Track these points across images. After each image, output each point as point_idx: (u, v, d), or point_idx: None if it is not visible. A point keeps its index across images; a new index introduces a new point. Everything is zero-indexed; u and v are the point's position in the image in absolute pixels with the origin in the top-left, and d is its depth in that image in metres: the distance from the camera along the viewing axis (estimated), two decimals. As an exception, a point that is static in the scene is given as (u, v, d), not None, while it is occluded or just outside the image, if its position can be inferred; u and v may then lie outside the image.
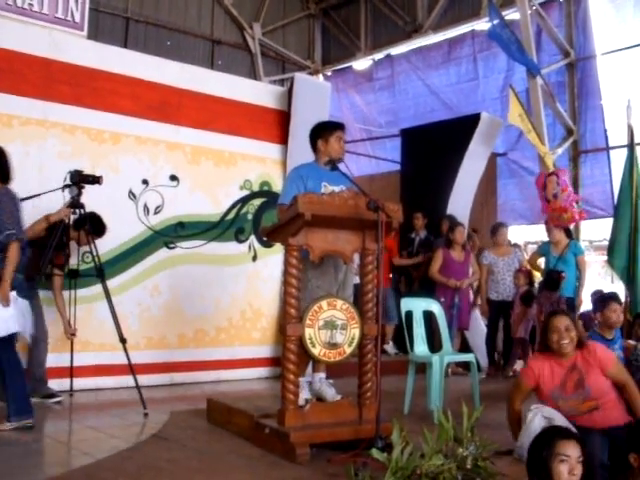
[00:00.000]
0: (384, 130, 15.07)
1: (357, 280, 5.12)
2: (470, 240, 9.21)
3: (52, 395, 5.97)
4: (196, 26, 15.48)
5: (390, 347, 9.21)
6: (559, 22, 12.50)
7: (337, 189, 4.96)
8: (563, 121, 12.20)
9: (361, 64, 16.51)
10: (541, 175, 9.59)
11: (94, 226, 6.02)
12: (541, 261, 8.75)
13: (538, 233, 13.07)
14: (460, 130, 9.82)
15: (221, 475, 3.89)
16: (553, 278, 7.97)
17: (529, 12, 11.68)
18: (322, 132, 5.23)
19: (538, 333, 8.04)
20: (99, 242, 5.94)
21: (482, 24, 13.66)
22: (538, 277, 9.05)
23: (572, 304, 8.00)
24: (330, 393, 4.81)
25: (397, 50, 15.62)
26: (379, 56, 16.07)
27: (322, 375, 4.98)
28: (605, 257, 8.75)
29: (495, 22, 11.06)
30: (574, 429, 3.85)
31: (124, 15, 14.42)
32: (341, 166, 4.91)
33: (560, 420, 4.14)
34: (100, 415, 5.64)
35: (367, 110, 16.02)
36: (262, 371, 7.80)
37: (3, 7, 6.83)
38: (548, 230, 8.62)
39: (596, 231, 12.79)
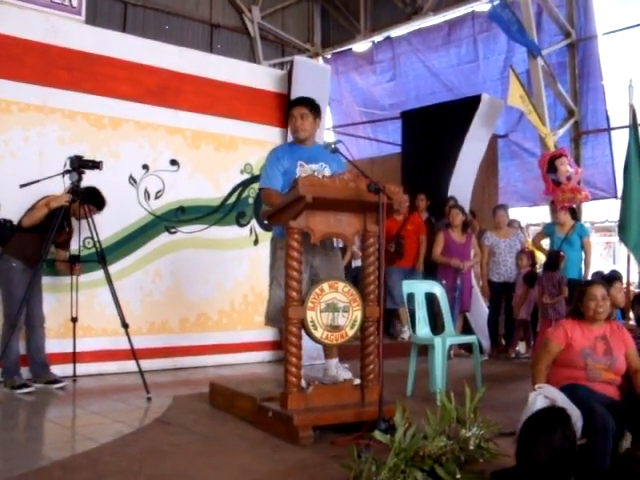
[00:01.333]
0: (387, 113, 15.03)
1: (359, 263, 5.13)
2: (470, 224, 9.19)
3: (55, 381, 5.98)
4: (195, 10, 15.42)
5: (406, 331, 8.66)
6: (560, 2, 12.44)
7: (315, 167, 5.03)
8: (564, 102, 12.18)
9: (361, 46, 16.47)
10: (544, 156, 9.55)
11: (93, 199, 5.99)
12: (546, 242, 8.73)
13: (540, 215, 13.09)
14: (461, 112, 9.80)
15: (224, 458, 3.90)
16: (553, 258, 7.98)
17: (530, -8, 11.63)
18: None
19: (540, 314, 8.06)
20: (100, 228, 5.91)
21: (482, 5, 13.61)
22: (541, 258, 9.04)
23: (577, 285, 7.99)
24: (348, 377, 4.82)
25: (397, 32, 15.57)
26: (379, 38, 16.03)
27: (335, 360, 4.99)
28: (607, 238, 8.75)
29: (495, 3, 11.06)
30: (576, 409, 3.87)
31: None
32: (340, 148, 4.88)
33: (562, 401, 4.15)
34: (103, 400, 5.65)
35: (368, 93, 15.98)
36: (264, 355, 7.80)
37: (0, -8, 6.80)
38: (553, 211, 8.62)
39: (598, 212, 12.81)
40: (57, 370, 6.16)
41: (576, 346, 4.28)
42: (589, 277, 8.26)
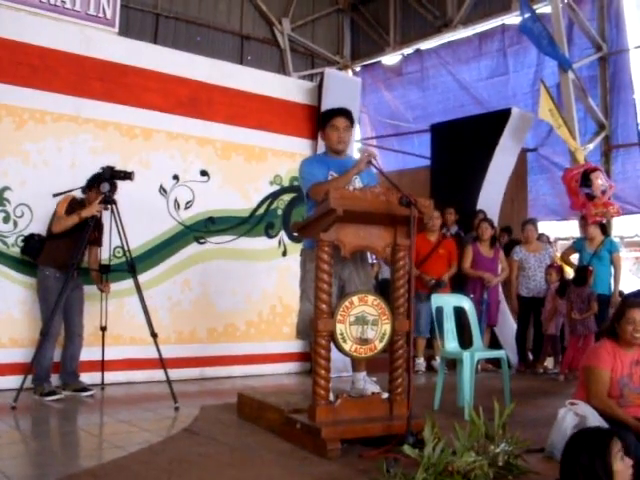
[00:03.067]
0: (412, 125, 15.02)
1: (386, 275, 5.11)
2: (500, 238, 9.12)
3: (84, 389, 6.03)
4: (225, 22, 15.55)
5: (421, 362, 8.37)
6: (591, 15, 12.39)
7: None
8: (595, 116, 12.10)
9: (390, 59, 16.49)
10: (570, 171, 9.49)
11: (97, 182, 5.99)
12: (575, 257, 8.66)
13: (569, 229, 12.99)
14: (490, 125, 9.77)
15: (252, 470, 3.89)
16: (581, 273, 7.93)
17: (561, 5, 11.62)
18: (322, 122, 5.15)
19: (567, 330, 8.00)
20: (130, 237, 5.94)
21: (512, 18, 13.60)
22: (570, 273, 8.97)
23: (607, 301, 7.93)
24: (376, 391, 4.80)
25: (426, 45, 15.59)
26: (408, 51, 16.06)
27: (364, 373, 4.97)
28: (637, 254, 8.66)
29: (526, 16, 10.99)
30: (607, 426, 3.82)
31: (154, 11, 14.54)
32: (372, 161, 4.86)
33: (594, 418, 4.11)
34: (131, 409, 5.67)
35: (395, 105, 15.98)
36: (291, 366, 7.81)
37: (36, 5, 6.89)
38: (583, 226, 8.54)
39: (628, 227, 12.69)
40: (86, 378, 6.22)
41: (614, 374, 4.22)
42: (618, 293, 8.21)
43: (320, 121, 5.21)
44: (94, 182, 6.00)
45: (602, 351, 4.36)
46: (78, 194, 6.09)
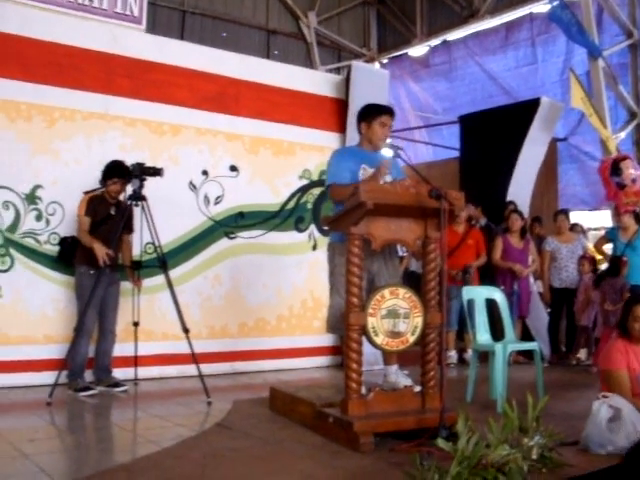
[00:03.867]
0: (441, 117, 14.93)
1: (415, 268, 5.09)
2: (532, 229, 9.03)
3: (117, 384, 6.08)
4: (251, 16, 15.56)
5: (453, 354, 8.37)
6: (621, 1, 12.18)
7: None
8: (626, 104, 11.92)
9: (417, 51, 16.39)
10: (605, 162, 9.37)
11: (122, 171, 6.06)
12: (608, 247, 8.56)
13: (600, 219, 12.84)
14: (520, 115, 9.67)
15: (285, 463, 3.90)
16: (614, 264, 7.83)
17: (590, -8, 11.44)
18: (366, 115, 5.11)
19: (600, 321, 7.90)
20: (161, 233, 5.97)
21: (540, 6, 13.43)
22: (603, 264, 8.87)
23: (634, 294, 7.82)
24: (408, 384, 4.79)
25: (453, 36, 15.46)
26: (435, 42, 15.93)
27: (395, 366, 4.96)
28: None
29: (555, 3, 10.86)
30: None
31: (180, 8, 14.59)
32: (401, 154, 4.84)
33: (628, 409, 4.08)
34: (164, 404, 5.72)
35: (423, 97, 15.90)
36: (323, 360, 7.81)
37: (64, 4, 6.93)
38: (616, 215, 8.44)
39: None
40: (119, 373, 6.27)
41: (631, 372, 4.20)
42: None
43: (364, 113, 5.14)
44: (108, 171, 6.06)
45: (614, 352, 4.35)
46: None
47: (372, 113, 5.09)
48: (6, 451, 4.07)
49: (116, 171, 6.05)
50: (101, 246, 5.83)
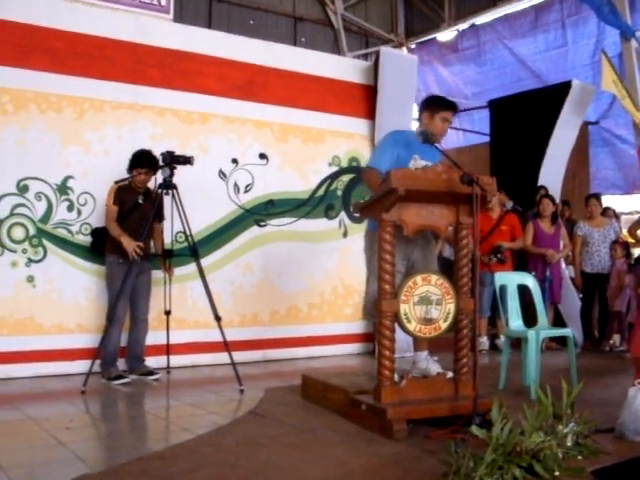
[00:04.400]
0: (471, 102, 14.79)
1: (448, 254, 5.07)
2: (562, 212, 8.94)
3: (150, 372, 6.13)
4: (278, 4, 15.52)
5: (485, 340, 8.33)
6: (655, -21, 11.97)
7: (424, 163, 4.87)
8: (659, 86, 11.72)
9: (445, 35, 16.24)
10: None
11: (148, 161, 6.07)
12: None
13: (633, 203, 12.71)
14: (550, 99, 9.55)
15: (318, 451, 3.90)
16: (649, 248, 7.77)
17: (623, -30, 11.25)
18: (431, 106, 5.05)
19: (634, 306, 7.81)
20: (192, 222, 5.98)
21: (570, -12, 13.24)
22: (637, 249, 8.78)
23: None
24: (438, 370, 4.77)
25: (482, 19, 15.31)
26: (463, 26, 15.78)
27: (426, 352, 4.94)
28: None
29: (586, -16, 10.71)
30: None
31: (207, -4, 14.57)
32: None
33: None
34: (197, 392, 5.75)
35: (453, 82, 15.76)
36: (354, 347, 7.82)
37: (92, -5, 6.98)
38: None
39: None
40: (152, 362, 6.32)
41: None
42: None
43: (428, 103, 5.10)
44: (134, 164, 6.09)
45: None
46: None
47: (437, 105, 5.04)
48: (43, 439, 4.12)
49: (142, 161, 6.06)
50: (130, 240, 5.87)
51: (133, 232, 5.91)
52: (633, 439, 3.99)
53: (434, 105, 5.05)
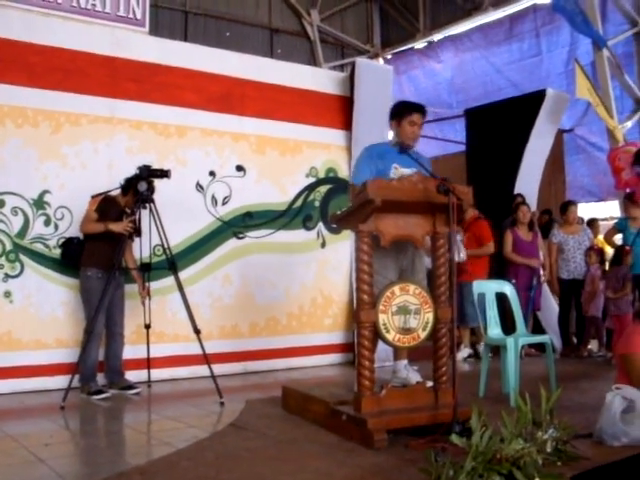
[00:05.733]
0: (455, 110, 14.83)
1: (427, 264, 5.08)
2: (541, 221, 9.01)
3: (130, 386, 6.10)
4: (254, 15, 15.56)
5: (465, 352, 8.19)
6: (625, -11, 12.12)
7: (408, 172, 4.89)
8: (632, 93, 11.87)
9: (422, 45, 16.33)
10: (615, 150, 9.34)
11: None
12: (618, 238, 8.54)
13: (606, 210, 12.81)
14: (525, 108, 9.63)
15: (299, 462, 3.90)
16: (618, 252, 7.85)
17: (593, -19, 11.39)
18: (397, 113, 5.10)
19: (608, 311, 7.89)
20: (169, 235, 5.98)
21: (543, -3, 13.38)
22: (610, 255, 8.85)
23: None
24: (417, 379, 4.79)
25: (457, 29, 15.41)
26: (439, 36, 15.88)
27: (405, 362, 4.95)
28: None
29: (557, -7, 10.83)
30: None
31: (183, 9, 14.58)
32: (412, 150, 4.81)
33: (642, 401, 4.07)
34: (177, 405, 5.74)
35: (434, 91, 15.82)
36: (334, 357, 7.82)
37: (67, 9, 6.96)
38: (625, 205, 8.42)
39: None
40: (132, 376, 6.28)
41: None
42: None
43: (394, 111, 5.14)
44: (129, 185, 6.06)
45: (636, 337, 4.35)
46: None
47: (402, 111, 5.08)
48: (22, 456, 4.09)
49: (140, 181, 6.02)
50: (117, 223, 5.88)
51: (112, 248, 5.87)
52: (611, 444, 4.03)
53: (400, 111, 5.09)
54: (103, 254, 5.92)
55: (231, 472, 3.70)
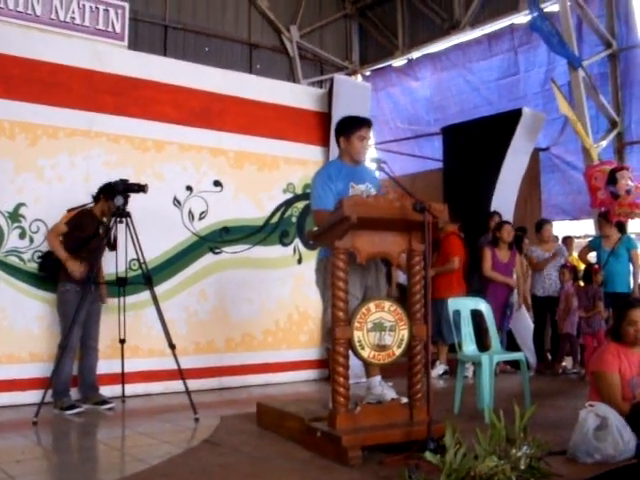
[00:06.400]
0: (432, 128, 14.93)
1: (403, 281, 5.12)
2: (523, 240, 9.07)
3: (104, 402, 6.05)
4: (233, 31, 15.59)
5: (441, 368, 8.16)
6: (600, 12, 12.28)
7: (362, 187, 4.92)
8: (607, 113, 12.02)
9: (400, 62, 16.44)
10: (591, 168, 9.45)
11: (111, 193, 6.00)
12: (592, 256, 8.62)
13: (581, 228, 12.91)
14: (502, 126, 9.73)
15: (274, 479, 3.89)
16: (588, 271, 7.93)
17: (569, 3, 11.56)
18: (344, 130, 5.03)
19: (582, 329, 7.95)
20: (145, 249, 5.95)
21: (521, 17, 13.53)
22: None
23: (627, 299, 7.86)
24: (392, 396, 4.79)
25: (436, 47, 15.53)
26: (417, 54, 16.00)
27: (379, 377, 4.95)
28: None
29: (534, 14, 10.97)
30: (629, 428, 3.82)
31: (162, 23, 14.58)
32: (384, 168, 4.83)
33: (615, 418, 4.10)
34: (151, 421, 5.70)
35: (412, 109, 15.92)
36: (310, 373, 7.81)
37: (46, 22, 6.95)
38: (599, 224, 8.50)
39: (645, 224, 12.55)
40: (106, 391, 6.23)
41: (624, 376, 4.23)
42: (638, 290, 8.15)
43: (341, 127, 5.07)
44: (100, 191, 6.07)
45: (607, 355, 4.38)
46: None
47: (349, 127, 5.02)
48: (-7, 472, 4.05)
49: (112, 192, 5.99)
50: (77, 264, 5.87)
51: (89, 260, 5.85)
52: (585, 461, 4.06)
53: (348, 127, 5.03)
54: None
55: (205, 489, 3.69)
